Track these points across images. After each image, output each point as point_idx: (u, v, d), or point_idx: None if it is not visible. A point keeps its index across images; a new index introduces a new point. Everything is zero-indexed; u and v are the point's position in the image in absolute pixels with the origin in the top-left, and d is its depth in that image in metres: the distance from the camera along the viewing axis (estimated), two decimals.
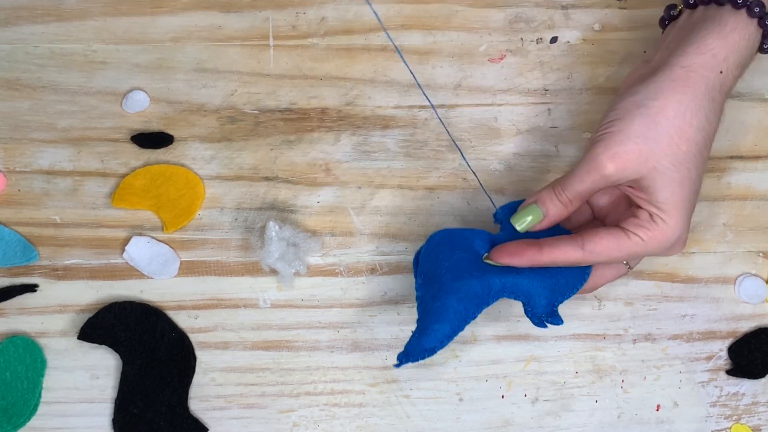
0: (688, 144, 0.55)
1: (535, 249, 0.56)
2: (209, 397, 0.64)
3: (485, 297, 0.57)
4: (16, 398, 0.63)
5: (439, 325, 0.56)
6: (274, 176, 0.67)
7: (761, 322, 0.66)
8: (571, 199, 0.57)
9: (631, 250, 0.56)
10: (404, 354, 0.56)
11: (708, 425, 0.65)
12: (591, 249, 0.56)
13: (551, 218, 0.58)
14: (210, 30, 0.68)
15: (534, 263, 0.56)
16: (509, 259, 0.56)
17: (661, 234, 0.56)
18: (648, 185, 0.55)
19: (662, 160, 0.55)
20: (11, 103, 0.67)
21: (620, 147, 0.55)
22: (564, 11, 0.69)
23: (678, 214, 0.56)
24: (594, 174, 0.56)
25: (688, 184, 0.56)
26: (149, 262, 0.65)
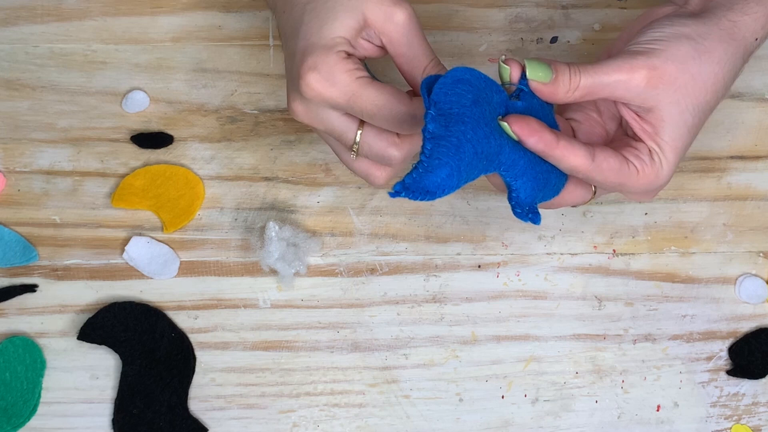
0: (713, 95, 0.54)
1: (553, 137, 0.51)
2: (209, 397, 0.64)
3: (492, 162, 0.51)
4: (16, 398, 0.63)
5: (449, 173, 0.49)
6: (274, 176, 0.67)
7: (761, 322, 0.66)
8: (581, 86, 0.52)
9: (624, 180, 0.53)
10: (402, 185, 0.49)
11: (708, 425, 0.65)
12: (599, 163, 0.52)
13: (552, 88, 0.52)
14: (210, 30, 0.68)
15: (545, 150, 0.51)
16: (528, 135, 0.51)
17: (654, 174, 0.53)
18: (662, 118, 0.53)
19: (688, 98, 0.53)
20: (11, 103, 0.67)
21: (662, 63, 0.52)
22: (564, 11, 0.69)
23: (675, 159, 0.54)
24: (624, 74, 0.52)
25: (694, 133, 0.54)
26: (149, 262, 0.65)
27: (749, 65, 0.68)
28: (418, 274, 0.66)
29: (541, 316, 0.66)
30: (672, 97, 0.53)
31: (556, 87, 0.53)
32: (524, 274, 0.66)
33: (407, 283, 0.66)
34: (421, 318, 0.66)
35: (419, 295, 0.66)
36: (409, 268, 0.66)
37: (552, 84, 0.52)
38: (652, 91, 0.52)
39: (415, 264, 0.66)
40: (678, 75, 0.52)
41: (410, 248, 0.66)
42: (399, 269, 0.66)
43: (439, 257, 0.66)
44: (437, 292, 0.66)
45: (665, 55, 0.52)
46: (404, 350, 0.65)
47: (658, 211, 0.67)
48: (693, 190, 0.67)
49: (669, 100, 0.53)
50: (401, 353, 0.65)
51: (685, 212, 0.67)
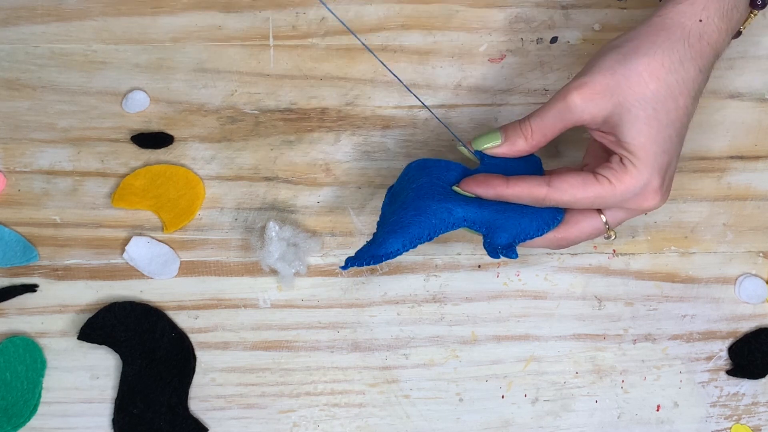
0: (658, 83, 0.54)
1: (502, 181, 0.56)
2: (209, 397, 0.64)
3: (444, 221, 0.57)
4: (16, 398, 0.63)
5: (393, 238, 0.57)
6: (274, 176, 0.67)
7: (761, 322, 0.66)
8: (533, 130, 0.57)
9: (598, 194, 0.55)
10: (354, 258, 0.57)
11: (708, 425, 0.65)
12: (557, 186, 0.56)
13: (509, 145, 0.57)
14: (210, 30, 0.68)
15: (499, 195, 0.56)
16: (476, 187, 0.57)
17: (629, 178, 0.55)
18: (616, 123, 0.55)
19: (628, 96, 0.54)
20: (11, 103, 0.67)
21: (588, 78, 0.55)
22: (564, 11, 0.69)
23: (647, 156, 0.55)
24: (560, 104, 0.56)
25: (657, 125, 0.55)
26: (149, 262, 0.65)
27: (749, 65, 0.68)
28: (418, 274, 0.66)
29: (541, 316, 0.66)
30: (611, 100, 0.55)
31: (512, 144, 0.57)
32: (524, 274, 0.66)
33: (407, 283, 0.66)
34: (421, 318, 0.66)
35: (419, 295, 0.66)
36: (409, 268, 0.66)
37: (506, 143, 0.58)
38: (590, 104, 0.55)
39: (415, 264, 0.66)
40: (608, 81, 0.55)
41: None
42: (399, 269, 0.66)
43: (439, 257, 0.66)
44: (437, 292, 0.66)
45: (590, 70, 0.56)
46: (404, 350, 0.65)
47: (658, 211, 0.67)
48: (693, 190, 0.67)
49: (611, 104, 0.55)
50: (401, 353, 0.65)
51: (684, 212, 0.67)
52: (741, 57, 0.69)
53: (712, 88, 0.69)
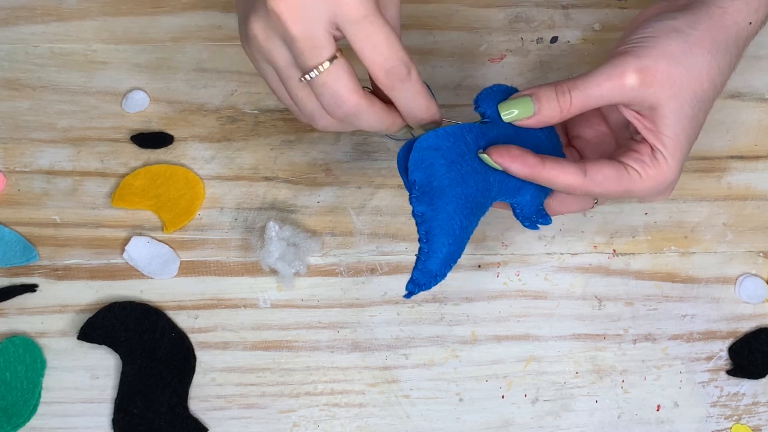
0: (710, 84, 0.53)
1: (538, 160, 0.52)
2: (209, 397, 0.64)
3: (484, 206, 0.53)
4: (16, 398, 0.63)
5: (449, 248, 0.51)
6: (274, 176, 0.67)
7: (761, 322, 0.66)
8: (574, 103, 0.52)
9: (627, 186, 0.53)
10: (413, 282, 0.52)
11: (708, 425, 0.65)
12: (592, 177, 0.52)
13: (542, 117, 0.53)
14: (210, 30, 0.68)
15: (534, 176, 0.52)
16: (510, 162, 0.51)
17: (659, 173, 0.53)
18: (663, 114, 0.52)
19: (686, 90, 0.52)
20: (11, 103, 0.67)
21: (652, 62, 0.51)
22: (564, 11, 0.69)
23: (679, 154, 0.53)
24: (615, 81, 0.51)
25: (696, 125, 0.53)
26: (149, 262, 0.65)
27: (749, 65, 0.68)
28: None
29: (541, 316, 0.66)
30: (668, 92, 0.52)
31: (545, 117, 0.52)
32: (524, 274, 0.66)
33: None
34: (421, 318, 0.66)
35: (419, 295, 0.66)
36: (409, 268, 0.66)
37: (538, 114, 0.52)
38: (647, 90, 0.52)
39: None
40: (671, 70, 0.52)
41: (410, 248, 0.66)
42: (399, 269, 0.66)
43: None
44: (437, 292, 0.66)
45: (655, 52, 0.52)
46: (404, 350, 0.65)
47: (658, 211, 0.67)
48: (693, 190, 0.68)
49: (666, 95, 0.52)
50: (401, 353, 0.65)
51: (685, 212, 0.67)
52: (741, 57, 0.69)
53: None
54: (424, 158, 0.51)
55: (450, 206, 0.51)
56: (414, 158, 0.51)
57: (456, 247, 0.52)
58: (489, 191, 0.53)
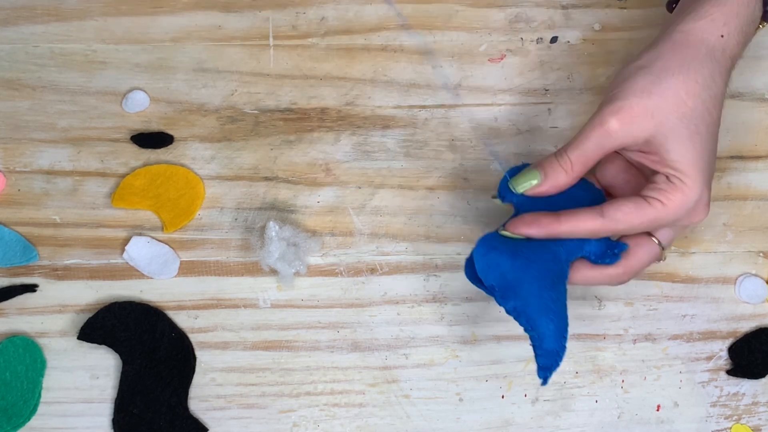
0: (695, 100, 0.54)
1: (552, 218, 0.55)
2: (209, 397, 0.64)
3: (562, 272, 0.56)
4: (16, 398, 0.63)
5: (554, 324, 0.55)
6: (274, 176, 0.67)
7: (761, 322, 0.66)
8: (573, 162, 0.56)
9: (652, 217, 0.55)
10: (542, 369, 0.55)
11: (708, 425, 0.65)
12: (611, 216, 0.55)
13: (550, 181, 0.56)
14: (210, 30, 0.68)
15: (552, 233, 0.55)
16: (526, 228, 0.55)
17: (681, 195, 0.55)
18: (660, 143, 0.54)
19: (669, 115, 0.54)
20: (11, 103, 0.67)
21: (624, 102, 0.54)
22: (564, 11, 0.69)
23: (695, 172, 0.55)
24: (598, 131, 0.55)
25: (699, 141, 0.55)
26: (149, 262, 0.65)
27: (749, 65, 0.68)
28: (418, 274, 0.66)
29: None
30: (652, 122, 0.54)
31: (554, 180, 0.56)
32: None
33: (407, 283, 0.66)
34: (421, 318, 0.66)
35: (419, 295, 0.66)
36: (409, 268, 0.66)
37: (547, 181, 0.56)
38: (630, 128, 0.55)
39: (415, 264, 0.66)
40: (645, 103, 0.54)
41: (410, 248, 0.66)
42: (399, 269, 0.66)
43: (439, 257, 0.66)
44: (437, 292, 0.66)
45: (625, 93, 0.55)
46: (404, 350, 0.65)
47: None
48: None
49: (652, 125, 0.54)
50: (401, 353, 0.65)
51: None
52: (741, 57, 0.69)
53: None
54: (489, 263, 0.55)
55: (533, 288, 0.55)
56: (480, 267, 0.56)
57: (557, 318, 0.55)
58: (558, 257, 0.56)
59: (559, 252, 0.56)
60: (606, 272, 0.57)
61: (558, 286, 0.55)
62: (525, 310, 0.55)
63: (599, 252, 0.56)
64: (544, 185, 0.57)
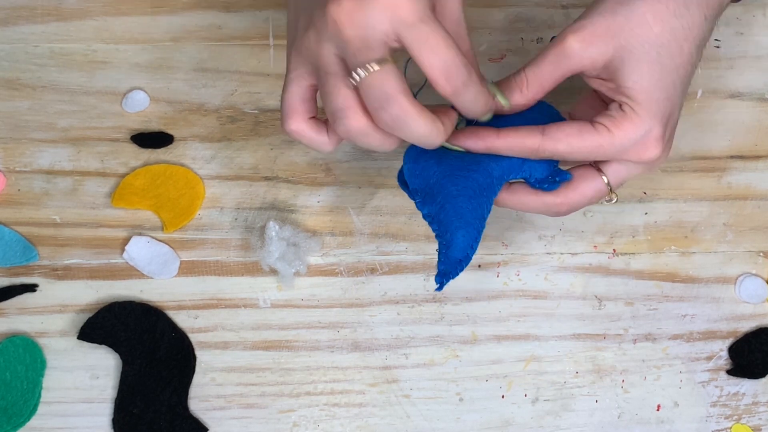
0: (662, 26, 0.52)
1: (493, 132, 0.53)
2: (209, 397, 0.64)
3: (490, 186, 0.54)
4: (16, 398, 0.63)
5: (462, 231, 0.53)
6: (274, 176, 0.67)
7: (761, 322, 0.66)
8: (530, 81, 0.53)
9: (595, 142, 0.52)
10: (439, 274, 0.53)
11: (708, 425, 0.65)
12: (551, 134, 0.52)
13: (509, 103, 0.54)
14: (210, 30, 0.68)
15: (490, 147, 0.53)
16: (465, 140, 0.53)
17: (629, 124, 0.52)
18: (617, 67, 0.52)
19: (631, 38, 0.51)
20: (11, 103, 0.67)
21: (586, 21, 0.52)
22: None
23: (649, 102, 0.52)
24: (556, 50, 0.52)
25: (660, 71, 0.52)
26: (149, 262, 0.65)
27: (749, 65, 0.68)
28: (418, 273, 0.66)
29: (541, 316, 0.66)
30: (612, 42, 0.52)
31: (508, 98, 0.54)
32: (524, 274, 0.66)
33: (407, 283, 0.66)
34: (421, 318, 0.66)
35: (419, 294, 0.66)
36: (409, 268, 0.66)
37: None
38: (590, 49, 0.52)
39: (415, 264, 0.66)
40: (607, 23, 0.51)
41: (410, 248, 0.66)
42: (399, 269, 0.66)
43: None
44: (437, 292, 0.66)
45: (589, 14, 0.52)
46: (404, 350, 0.65)
47: (658, 210, 0.67)
48: (693, 190, 0.68)
49: (612, 47, 0.52)
50: (401, 353, 0.65)
51: (685, 212, 0.67)
52: (741, 57, 0.69)
53: (712, 87, 0.69)
54: (415, 167, 0.54)
55: (450, 196, 0.53)
56: (407, 170, 0.55)
57: (470, 228, 0.53)
58: (489, 172, 0.54)
59: (492, 168, 0.54)
60: (544, 199, 0.55)
61: (479, 199, 0.53)
62: (438, 215, 0.53)
63: (540, 177, 0.55)
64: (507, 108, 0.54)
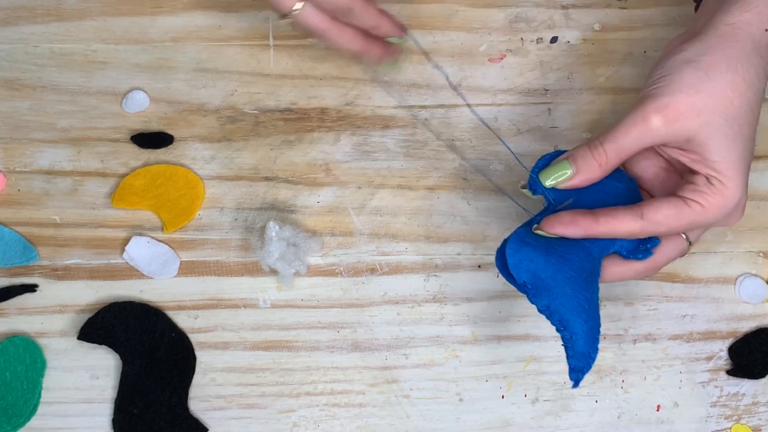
0: (741, 99, 0.53)
1: (590, 218, 0.53)
2: (209, 397, 0.64)
3: (595, 270, 0.55)
4: (16, 398, 0.63)
5: (583, 323, 0.53)
6: (274, 176, 0.67)
7: (761, 322, 0.66)
8: (609, 156, 0.54)
9: (691, 219, 0.53)
10: (573, 371, 0.54)
11: (708, 425, 0.65)
12: (650, 218, 0.53)
13: (583, 176, 0.55)
14: (210, 30, 0.68)
15: (589, 233, 0.53)
16: (563, 229, 0.53)
17: (721, 198, 0.53)
18: (702, 142, 0.53)
19: (715, 114, 0.53)
20: (11, 103, 0.67)
21: (670, 98, 0.53)
22: (564, 11, 0.69)
23: (736, 174, 0.53)
24: (640, 126, 0.53)
25: (742, 141, 0.53)
26: (149, 262, 0.65)
27: None
28: (418, 274, 0.66)
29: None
30: (697, 120, 0.53)
31: (587, 173, 0.54)
32: None
33: (407, 283, 0.66)
34: (421, 318, 0.66)
35: (419, 295, 0.66)
36: (409, 268, 0.66)
37: (579, 174, 0.55)
38: (674, 126, 0.53)
39: (415, 264, 0.66)
40: (692, 100, 0.53)
41: (410, 248, 0.66)
42: (399, 269, 0.66)
43: (439, 257, 0.66)
44: (437, 292, 0.66)
45: (671, 89, 0.53)
46: (404, 350, 0.65)
47: None
48: None
49: (696, 124, 0.53)
50: (401, 353, 0.65)
51: None
52: None
53: None
54: (521, 259, 0.53)
55: (567, 288, 0.53)
56: (513, 263, 0.53)
57: (591, 319, 0.54)
58: (591, 255, 0.54)
59: (593, 249, 0.54)
60: (633, 267, 0.56)
61: (591, 285, 0.54)
62: (558, 309, 0.53)
63: (631, 248, 0.55)
64: (576, 179, 0.55)
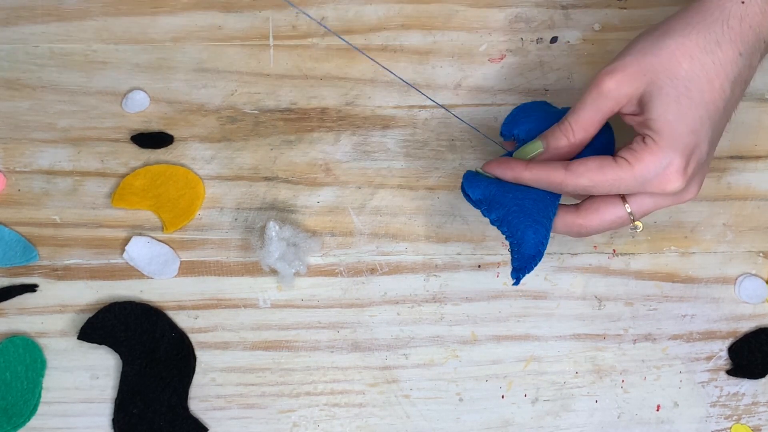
0: (691, 62, 0.53)
1: (523, 165, 0.56)
2: (209, 397, 0.64)
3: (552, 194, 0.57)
4: (16, 398, 0.63)
5: (532, 228, 0.56)
6: (274, 176, 0.67)
7: (761, 322, 0.66)
8: (575, 129, 0.56)
9: (616, 176, 0.53)
10: (515, 270, 0.56)
11: (708, 425, 0.65)
12: (573, 170, 0.54)
13: (552, 150, 0.57)
14: (210, 30, 0.68)
15: (517, 177, 0.56)
16: (498, 169, 0.57)
17: (649, 155, 0.53)
18: (645, 102, 0.54)
19: (660, 74, 0.53)
20: (11, 103, 0.67)
21: (618, 62, 0.54)
22: (564, 11, 0.69)
23: (670, 134, 0.53)
24: (593, 93, 0.54)
25: (688, 104, 0.53)
26: (149, 262, 0.65)
27: None
28: (418, 274, 0.66)
29: (541, 316, 0.66)
30: (643, 79, 0.53)
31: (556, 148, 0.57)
32: None
33: (407, 283, 0.66)
34: (421, 318, 0.66)
35: (419, 295, 0.66)
36: (409, 268, 0.66)
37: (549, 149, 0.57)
38: (624, 86, 0.54)
39: (415, 264, 0.66)
40: (639, 61, 0.53)
41: (410, 248, 0.66)
42: (399, 269, 0.66)
43: (439, 257, 0.66)
44: (437, 292, 0.66)
45: (622, 54, 0.55)
46: (404, 350, 0.65)
47: (658, 211, 0.67)
48: None
49: (642, 83, 0.53)
50: (401, 353, 0.65)
51: (684, 212, 0.67)
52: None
53: None
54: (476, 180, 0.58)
55: (516, 198, 0.56)
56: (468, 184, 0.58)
57: (539, 226, 0.56)
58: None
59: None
60: (565, 218, 0.57)
61: (544, 201, 0.57)
62: (506, 217, 0.56)
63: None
64: (547, 153, 0.57)
